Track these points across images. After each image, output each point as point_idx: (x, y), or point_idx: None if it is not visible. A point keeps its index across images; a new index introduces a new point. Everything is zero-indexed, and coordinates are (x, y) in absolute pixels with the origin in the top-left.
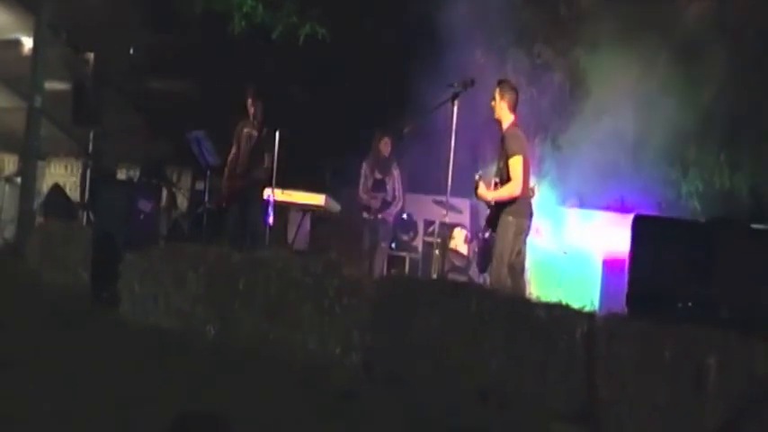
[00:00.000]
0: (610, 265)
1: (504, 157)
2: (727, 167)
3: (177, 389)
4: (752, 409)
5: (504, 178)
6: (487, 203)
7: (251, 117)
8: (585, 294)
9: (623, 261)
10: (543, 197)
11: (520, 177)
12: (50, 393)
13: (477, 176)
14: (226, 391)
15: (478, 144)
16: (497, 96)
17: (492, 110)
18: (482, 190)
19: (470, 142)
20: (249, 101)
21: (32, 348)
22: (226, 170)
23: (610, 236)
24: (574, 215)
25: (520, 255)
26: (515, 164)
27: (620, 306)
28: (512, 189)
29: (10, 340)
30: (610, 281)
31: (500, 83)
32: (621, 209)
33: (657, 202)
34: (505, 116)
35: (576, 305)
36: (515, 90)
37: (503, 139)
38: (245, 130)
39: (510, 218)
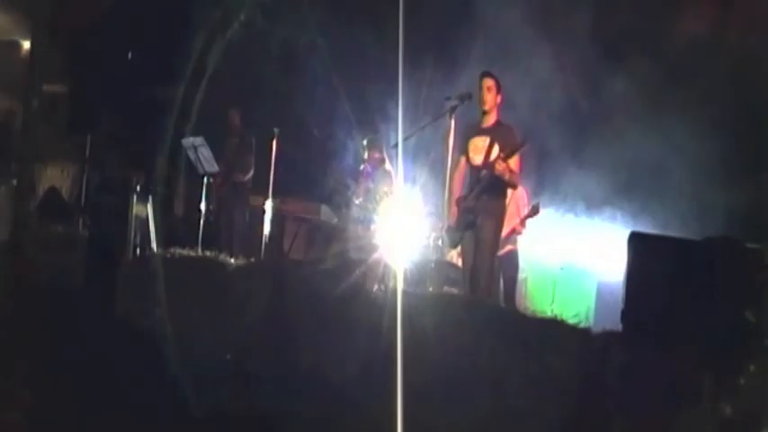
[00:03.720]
0: (605, 281)
1: (505, 151)
2: (724, 186)
3: (172, 394)
4: (746, 428)
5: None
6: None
7: (231, 128)
8: (580, 310)
9: (619, 277)
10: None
11: (518, 171)
12: (47, 396)
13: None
14: (221, 395)
15: None
16: (495, 88)
17: (482, 102)
18: (504, 168)
19: None
20: (228, 113)
21: (27, 351)
22: (214, 181)
23: (605, 252)
24: (571, 229)
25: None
26: (515, 161)
27: (615, 323)
28: (515, 181)
29: (5, 343)
30: (605, 297)
31: (493, 75)
32: (617, 226)
33: (654, 219)
34: (494, 111)
35: (570, 321)
36: None
37: (494, 132)
38: (227, 141)
39: (496, 221)
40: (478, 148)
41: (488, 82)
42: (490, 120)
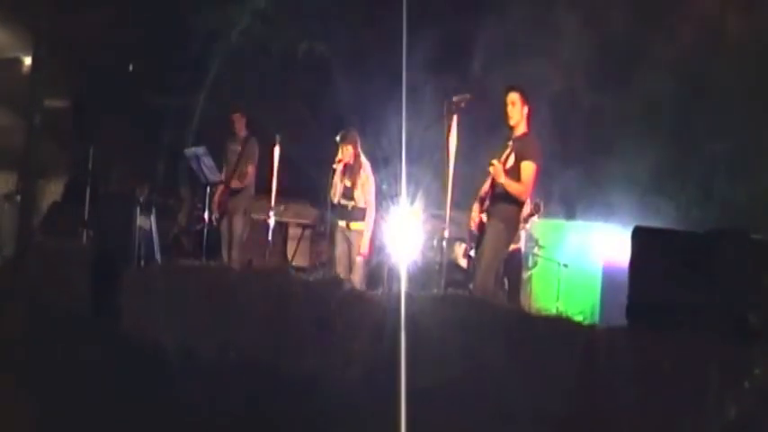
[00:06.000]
0: (610, 277)
1: (518, 160)
2: (727, 178)
3: (178, 404)
4: (752, 419)
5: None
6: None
7: (235, 133)
8: (586, 306)
9: (623, 273)
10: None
11: (530, 184)
12: (51, 410)
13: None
14: (227, 403)
15: (477, 158)
16: (519, 101)
17: (507, 115)
18: (498, 171)
19: (469, 156)
20: (232, 117)
21: (33, 366)
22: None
23: (609, 248)
24: (573, 227)
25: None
26: (529, 169)
27: (621, 318)
28: (521, 190)
29: (10, 358)
30: (610, 292)
31: (519, 88)
32: (621, 220)
33: (657, 213)
34: (522, 124)
35: (576, 317)
36: None
37: (517, 142)
38: (230, 147)
39: (503, 225)
40: (501, 155)
41: (512, 96)
42: (519, 131)
